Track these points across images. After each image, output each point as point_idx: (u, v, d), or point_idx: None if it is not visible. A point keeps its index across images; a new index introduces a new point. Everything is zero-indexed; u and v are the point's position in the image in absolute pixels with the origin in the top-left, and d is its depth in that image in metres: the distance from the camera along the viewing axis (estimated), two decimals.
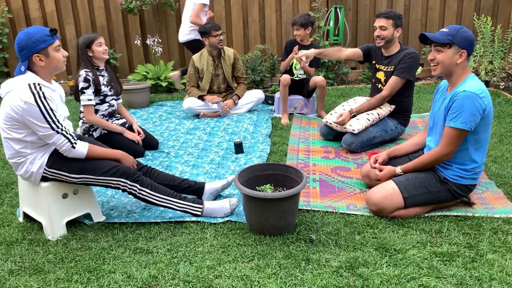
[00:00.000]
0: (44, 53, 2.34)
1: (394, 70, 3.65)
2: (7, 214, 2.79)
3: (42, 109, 2.28)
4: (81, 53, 3.58)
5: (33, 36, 2.30)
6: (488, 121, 2.41)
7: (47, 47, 2.34)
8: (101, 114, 3.70)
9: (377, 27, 3.63)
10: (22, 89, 2.28)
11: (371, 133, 3.67)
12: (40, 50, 2.32)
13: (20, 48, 2.31)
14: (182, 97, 5.52)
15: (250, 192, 2.34)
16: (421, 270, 2.09)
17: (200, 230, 2.51)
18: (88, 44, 3.58)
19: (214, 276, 2.11)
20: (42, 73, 2.39)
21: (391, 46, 3.70)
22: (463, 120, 2.35)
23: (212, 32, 4.62)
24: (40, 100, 2.27)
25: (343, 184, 3.08)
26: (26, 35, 2.30)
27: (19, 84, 2.30)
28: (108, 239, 2.45)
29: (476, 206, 2.66)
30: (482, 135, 2.44)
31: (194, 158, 3.66)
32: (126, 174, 2.51)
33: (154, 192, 2.57)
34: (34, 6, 5.99)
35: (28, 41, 2.29)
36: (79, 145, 2.42)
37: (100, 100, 3.67)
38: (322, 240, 2.36)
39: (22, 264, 2.25)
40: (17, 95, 2.27)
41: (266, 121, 4.55)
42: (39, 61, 2.34)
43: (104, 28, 6.11)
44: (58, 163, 2.45)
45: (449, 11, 6.09)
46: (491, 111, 2.41)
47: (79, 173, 2.47)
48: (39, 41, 2.31)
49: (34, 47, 2.30)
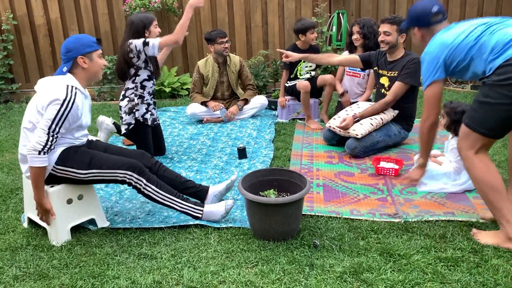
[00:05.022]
0: (88, 57, 2.51)
1: (398, 75, 3.66)
2: (11, 220, 2.80)
3: (61, 110, 2.37)
4: (135, 31, 3.44)
5: (81, 40, 2.51)
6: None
7: (92, 52, 2.52)
8: (147, 91, 3.61)
9: (381, 32, 3.66)
10: (60, 87, 2.41)
11: (374, 138, 3.66)
12: (86, 53, 2.50)
13: (67, 50, 2.48)
14: (185, 103, 5.53)
15: (254, 198, 2.34)
16: (426, 275, 2.08)
17: (204, 236, 2.51)
18: (147, 24, 3.46)
19: (218, 282, 2.11)
20: (81, 77, 2.53)
21: (396, 51, 3.72)
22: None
23: (217, 39, 4.63)
24: (67, 104, 2.38)
25: (346, 189, 3.07)
26: (75, 38, 2.51)
27: (58, 82, 2.44)
28: (112, 245, 2.46)
29: (481, 210, 2.65)
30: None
31: (198, 163, 3.67)
32: (132, 167, 2.55)
33: (159, 189, 2.60)
34: (39, 13, 6.03)
35: (77, 44, 2.48)
36: (44, 157, 2.38)
37: (148, 76, 3.58)
38: (326, 245, 2.35)
39: (26, 270, 2.26)
40: (53, 90, 2.39)
41: (269, 126, 4.55)
42: (83, 63, 2.50)
43: (108, 34, 6.14)
44: (67, 161, 2.50)
45: (452, 16, 6.09)
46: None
47: (87, 168, 2.51)
48: (86, 45, 2.50)
49: (81, 49, 2.48)
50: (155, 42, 3.37)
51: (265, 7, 6.10)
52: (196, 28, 6.13)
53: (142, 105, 3.60)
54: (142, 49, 3.40)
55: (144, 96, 3.59)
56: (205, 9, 6.04)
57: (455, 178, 2.96)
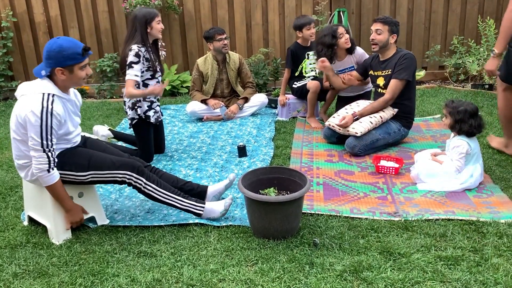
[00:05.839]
0: (68, 69, 2.35)
1: (392, 72, 3.68)
2: (11, 218, 2.79)
3: (43, 124, 2.28)
4: (138, 27, 3.42)
5: (64, 51, 2.30)
6: None
7: (74, 64, 2.35)
8: None
9: (373, 30, 3.71)
10: (34, 97, 2.30)
11: (374, 136, 3.66)
12: (66, 66, 2.33)
13: (48, 56, 2.32)
14: (185, 101, 5.53)
15: (254, 196, 2.34)
16: (426, 274, 2.08)
17: (204, 234, 2.51)
18: (150, 19, 3.44)
19: (218, 280, 2.10)
20: (60, 84, 2.40)
21: (387, 51, 3.76)
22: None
23: (216, 37, 4.62)
24: (46, 114, 2.28)
25: (347, 188, 3.07)
26: (58, 47, 2.30)
27: (34, 90, 2.32)
28: (112, 243, 2.46)
29: (481, 209, 2.65)
30: None
31: (198, 161, 3.66)
32: (131, 167, 2.53)
33: (160, 187, 2.59)
34: (39, 10, 6.02)
35: (58, 55, 2.30)
36: (55, 172, 2.38)
37: (151, 76, 3.55)
38: (326, 244, 2.35)
39: (26, 268, 2.26)
40: (28, 101, 2.29)
41: (269, 124, 4.55)
42: (60, 75, 2.35)
43: (108, 32, 6.13)
44: (65, 164, 2.47)
45: (453, 14, 6.08)
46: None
47: (86, 170, 2.49)
48: (68, 58, 2.32)
49: (61, 61, 2.32)
50: (128, 78, 3.40)
51: (266, 5, 6.08)
52: (196, 26, 6.12)
53: (144, 103, 3.58)
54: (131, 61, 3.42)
55: None
56: (205, 7, 6.03)
57: (456, 176, 2.96)
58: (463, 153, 2.93)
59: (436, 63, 6.09)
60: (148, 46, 3.47)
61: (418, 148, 3.68)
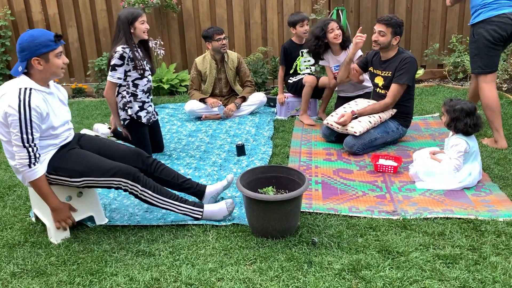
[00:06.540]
0: (44, 58, 2.31)
1: (392, 76, 3.67)
2: (9, 217, 2.79)
3: (22, 118, 2.24)
4: (122, 28, 3.42)
5: (36, 39, 2.28)
6: None
7: (49, 52, 2.31)
8: (141, 89, 3.56)
9: (376, 31, 3.67)
10: (12, 93, 2.27)
11: (372, 135, 3.66)
12: (41, 54, 2.30)
13: (21, 49, 2.29)
14: (184, 100, 5.52)
15: (252, 195, 2.34)
16: (424, 272, 2.08)
17: (202, 233, 2.51)
18: (132, 20, 3.42)
19: (216, 279, 2.10)
20: (38, 77, 2.36)
21: (389, 51, 3.74)
22: None
23: (214, 36, 4.61)
24: (24, 107, 2.24)
25: (345, 187, 3.07)
26: (29, 37, 2.28)
27: (11, 87, 2.30)
28: (110, 242, 2.45)
29: (479, 208, 2.65)
30: None
31: (196, 160, 3.66)
32: (126, 174, 2.48)
33: (156, 194, 2.55)
34: (37, 9, 6.00)
35: (30, 44, 2.27)
36: (36, 168, 2.35)
37: (140, 75, 3.53)
38: (325, 243, 2.35)
39: (24, 267, 2.25)
40: (5, 98, 2.27)
41: (268, 123, 4.55)
42: (37, 65, 2.31)
43: (106, 31, 6.12)
44: (58, 169, 2.44)
45: (451, 13, 6.08)
46: None
47: (80, 176, 2.45)
48: (41, 45, 2.28)
49: (35, 50, 2.28)
50: (110, 79, 3.46)
51: (264, 3, 6.08)
52: (195, 25, 6.11)
53: (135, 103, 3.56)
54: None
55: (137, 94, 3.55)
56: (204, 6, 6.02)
57: (454, 175, 2.96)
58: (461, 151, 2.93)
59: (434, 61, 6.09)
60: (133, 46, 3.46)
61: (417, 147, 3.68)
